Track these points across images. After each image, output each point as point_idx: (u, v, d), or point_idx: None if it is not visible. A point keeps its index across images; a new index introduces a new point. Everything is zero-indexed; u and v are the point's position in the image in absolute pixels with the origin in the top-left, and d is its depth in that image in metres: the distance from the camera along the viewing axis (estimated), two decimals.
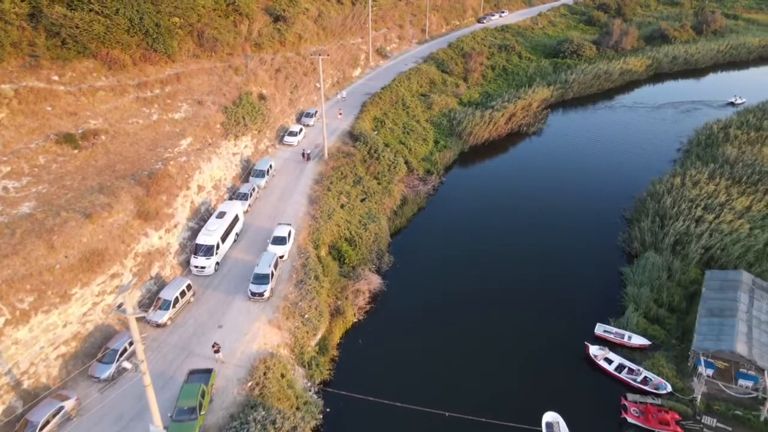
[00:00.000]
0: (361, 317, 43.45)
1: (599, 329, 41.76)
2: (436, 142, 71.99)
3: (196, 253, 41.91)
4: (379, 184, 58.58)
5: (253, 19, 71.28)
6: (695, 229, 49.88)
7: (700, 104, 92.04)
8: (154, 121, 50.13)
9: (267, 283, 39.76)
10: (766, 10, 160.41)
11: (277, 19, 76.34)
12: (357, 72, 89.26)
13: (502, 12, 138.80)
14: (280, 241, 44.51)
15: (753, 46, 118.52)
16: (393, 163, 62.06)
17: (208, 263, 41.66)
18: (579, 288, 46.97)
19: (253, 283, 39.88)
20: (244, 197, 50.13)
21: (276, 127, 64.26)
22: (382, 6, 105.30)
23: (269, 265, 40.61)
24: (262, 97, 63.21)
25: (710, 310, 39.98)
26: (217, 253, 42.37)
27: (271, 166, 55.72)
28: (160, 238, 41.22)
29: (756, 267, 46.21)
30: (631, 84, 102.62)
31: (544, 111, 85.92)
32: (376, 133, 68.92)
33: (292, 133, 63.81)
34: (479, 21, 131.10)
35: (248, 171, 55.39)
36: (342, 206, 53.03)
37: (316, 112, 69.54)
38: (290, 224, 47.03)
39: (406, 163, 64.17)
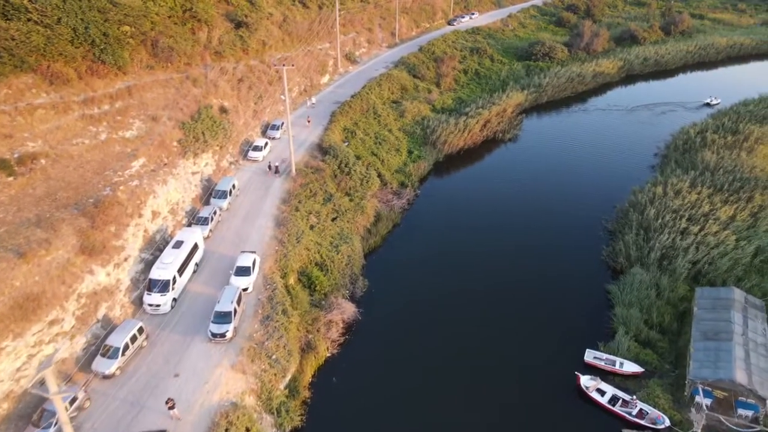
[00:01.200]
0: (334, 351, 40.05)
1: (589, 356, 39.27)
2: (410, 153, 68.99)
3: (150, 290, 37.85)
4: (350, 200, 55.22)
5: (212, 25, 67.16)
6: (681, 242, 47.98)
7: (674, 106, 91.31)
8: (102, 141, 45.76)
9: (229, 322, 36.00)
10: (731, 10, 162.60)
11: (238, 25, 72.26)
12: (325, 79, 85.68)
13: (472, 14, 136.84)
14: (243, 271, 40.74)
15: (721, 47, 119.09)
16: (365, 177, 58.78)
17: (164, 300, 37.65)
18: (564, 308, 44.50)
19: (213, 322, 36.05)
20: (204, 222, 46.14)
21: (239, 142, 60.28)
22: (350, 9, 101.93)
23: (231, 302, 36.84)
24: (223, 109, 59.19)
25: (704, 333, 37.87)
26: (173, 289, 38.39)
27: (234, 186, 51.78)
28: (108, 274, 37.04)
29: (745, 282, 44.48)
30: (604, 86, 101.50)
31: (519, 116, 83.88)
32: (346, 144, 65.55)
33: (257, 148, 59.89)
34: (449, 23, 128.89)
35: (209, 192, 51.33)
36: (311, 227, 49.51)
37: (283, 123, 65.82)
38: (255, 252, 43.26)
39: (378, 176, 60.95)
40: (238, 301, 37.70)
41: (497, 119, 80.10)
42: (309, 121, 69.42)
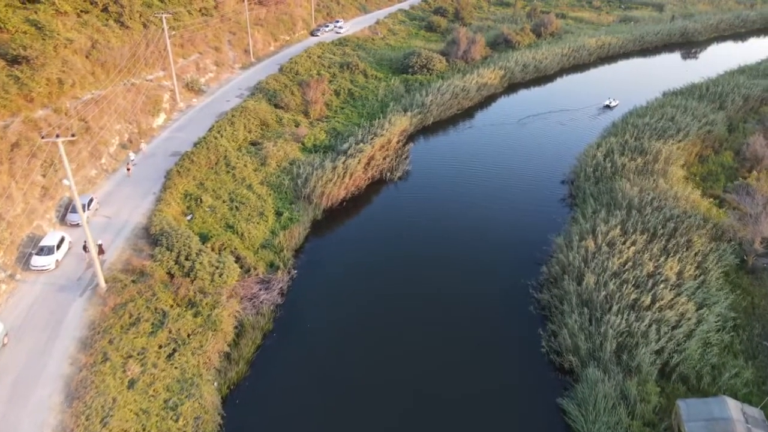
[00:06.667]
0: None
1: None
2: (278, 215, 52.96)
3: None
4: (196, 315, 38.19)
5: None
6: (637, 324, 37.55)
7: (572, 113, 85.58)
8: None
9: None
10: (587, 7, 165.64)
11: (14, 61, 51.38)
12: (160, 120, 66.54)
13: (337, 22, 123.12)
14: None
15: (592, 48, 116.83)
16: (217, 269, 41.90)
17: None
18: None
19: None
20: None
21: (17, 243, 40.42)
22: (188, 26, 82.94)
23: None
24: None
25: None
26: None
27: None
28: None
29: (724, 372, 34.92)
30: (488, 99, 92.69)
31: (406, 146, 71.30)
32: (189, 218, 48.17)
33: (46, 250, 40.08)
34: (312, 34, 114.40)
35: None
36: (131, 384, 32.05)
37: (92, 200, 46.68)
38: None
39: (237, 260, 44.46)
40: None
41: (382, 153, 66.77)
42: (128, 169, 54.23)
